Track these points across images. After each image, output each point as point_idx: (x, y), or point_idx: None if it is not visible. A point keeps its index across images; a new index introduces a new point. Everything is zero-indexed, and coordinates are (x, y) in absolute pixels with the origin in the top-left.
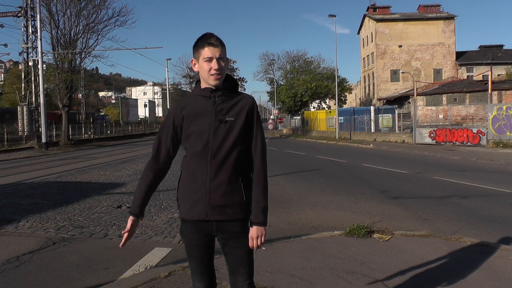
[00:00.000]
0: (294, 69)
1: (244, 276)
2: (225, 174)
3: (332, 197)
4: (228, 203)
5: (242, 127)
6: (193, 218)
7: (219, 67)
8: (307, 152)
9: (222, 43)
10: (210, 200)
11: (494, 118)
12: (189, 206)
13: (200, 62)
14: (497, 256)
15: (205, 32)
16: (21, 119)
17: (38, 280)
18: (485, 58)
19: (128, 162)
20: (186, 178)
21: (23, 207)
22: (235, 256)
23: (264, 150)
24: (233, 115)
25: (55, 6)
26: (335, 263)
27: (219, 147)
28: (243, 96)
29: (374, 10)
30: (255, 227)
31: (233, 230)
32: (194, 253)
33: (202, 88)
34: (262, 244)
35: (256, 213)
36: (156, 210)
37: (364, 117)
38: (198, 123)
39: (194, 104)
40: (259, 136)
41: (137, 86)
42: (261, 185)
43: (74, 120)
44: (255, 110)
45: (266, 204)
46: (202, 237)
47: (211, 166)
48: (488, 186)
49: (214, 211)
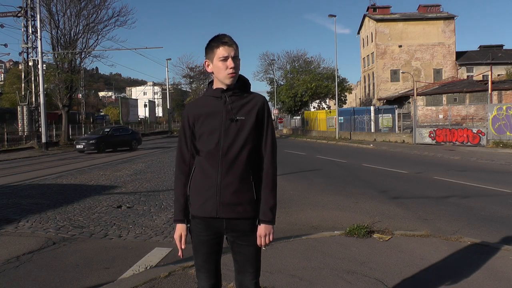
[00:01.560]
0: (294, 69)
1: (251, 275)
2: (236, 172)
3: (332, 197)
4: (239, 201)
5: (252, 126)
6: (204, 215)
7: (235, 65)
8: (307, 152)
9: (235, 43)
10: (221, 198)
11: (494, 118)
12: (200, 203)
13: (215, 62)
14: (497, 256)
15: (218, 33)
16: (21, 119)
17: (38, 280)
18: (485, 58)
19: (128, 162)
20: (198, 176)
21: (23, 207)
22: (243, 255)
23: (274, 149)
24: (244, 114)
25: (55, 6)
26: (335, 263)
27: (230, 145)
28: (254, 95)
29: (374, 10)
30: (263, 225)
31: (243, 228)
32: (202, 250)
33: (214, 89)
34: (270, 242)
35: (264, 211)
36: (156, 210)
37: (364, 117)
38: (210, 123)
39: (205, 104)
40: (270, 135)
41: (137, 86)
42: (270, 183)
43: (74, 120)
44: (266, 109)
45: (275, 202)
46: (210, 234)
47: (222, 164)
48: (488, 186)
49: (225, 208)
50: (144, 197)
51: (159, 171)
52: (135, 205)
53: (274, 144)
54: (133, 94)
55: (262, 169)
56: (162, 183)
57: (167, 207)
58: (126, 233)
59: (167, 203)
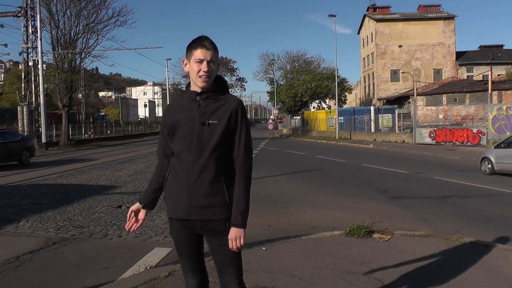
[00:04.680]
0: (294, 69)
1: (233, 275)
2: (207, 176)
3: (332, 197)
4: (210, 204)
5: (224, 130)
6: (178, 217)
7: (209, 69)
8: (307, 152)
9: (215, 47)
10: (192, 201)
11: (494, 118)
12: (173, 205)
13: (191, 63)
14: (497, 256)
15: (201, 35)
16: (21, 119)
17: (38, 280)
18: (485, 58)
19: (128, 162)
20: (171, 178)
21: (23, 207)
22: (221, 255)
23: (248, 152)
24: (217, 117)
25: (55, 6)
26: (335, 263)
27: (202, 149)
28: (229, 98)
29: (374, 10)
30: (234, 229)
31: (217, 229)
32: (183, 249)
33: (190, 91)
34: (242, 247)
35: (235, 215)
36: (156, 210)
37: (364, 117)
38: (183, 126)
39: (181, 107)
40: (243, 138)
41: (137, 86)
42: (241, 187)
43: (74, 120)
44: (239, 112)
45: (247, 205)
46: (188, 234)
47: (194, 167)
48: (488, 186)
49: (196, 211)
50: None
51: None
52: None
53: (247, 147)
54: (133, 94)
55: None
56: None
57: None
58: (126, 233)
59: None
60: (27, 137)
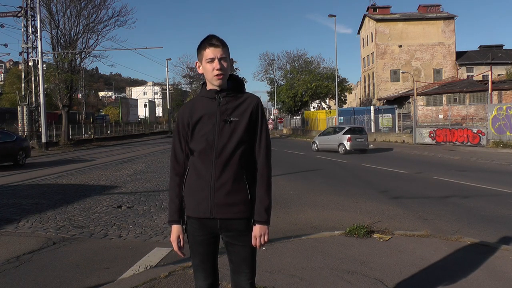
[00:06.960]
0: (294, 69)
1: (247, 275)
2: (230, 173)
3: (332, 197)
4: (233, 202)
5: (246, 127)
6: (199, 216)
7: (221, 67)
8: (307, 152)
9: (224, 44)
10: (215, 199)
11: (494, 118)
12: (194, 203)
13: (204, 64)
14: (497, 256)
15: (208, 34)
16: (21, 119)
17: (38, 280)
18: (485, 58)
19: (128, 162)
20: (192, 177)
21: (23, 207)
22: (238, 255)
23: (268, 150)
24: (238, 115)
25: (55, 6)
26: (335, 263)
27: (224, 147)
28: (248, 96)
29: (374, 10)
30: (258, 226)
31: (238, 228)
32: (198, 250)
33: (208, 90)
34: (266, 243)
35: (259, 212)
36: (156, 210)
37: (364, 117)
38: (204, 124)
39: (200, 105)
40: (264, 135)
41: (137, 86)
42: (264, 183)
43: (74, 120)
44: (259, 110)
45: (270, 203)
46: (205, 234)
47: (216, 165)
48: (488, 186)
49: (219, 209)
50: (144, 197)
51: (159, 171)
52: (135, 205)
53: (268, 144)
54: (133, 94)
55: (257, 169)
56: (162, 183)
57: (167, 207)
58: (126, 233)
59: (167, 203)
60: (22, 138)
